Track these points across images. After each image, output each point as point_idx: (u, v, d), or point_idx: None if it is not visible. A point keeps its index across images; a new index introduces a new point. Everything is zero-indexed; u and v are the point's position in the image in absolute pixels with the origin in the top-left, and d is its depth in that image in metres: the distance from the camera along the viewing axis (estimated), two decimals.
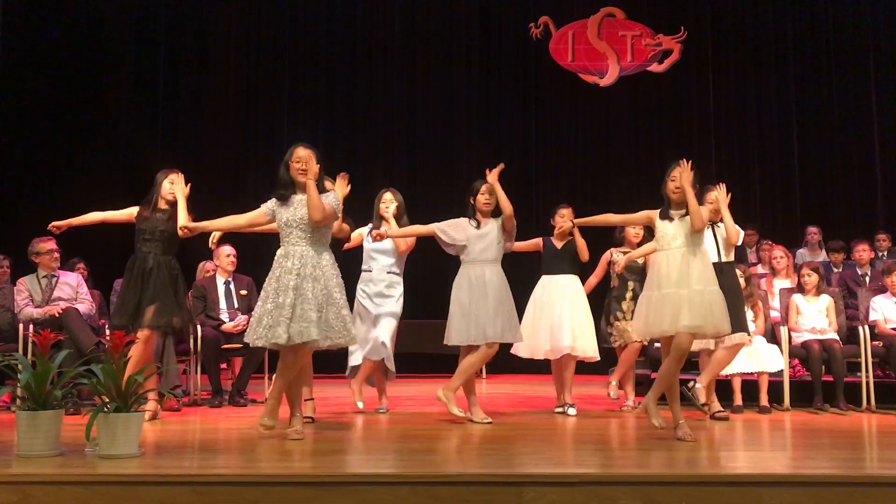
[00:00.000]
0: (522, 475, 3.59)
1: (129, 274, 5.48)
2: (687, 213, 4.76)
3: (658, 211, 4.92)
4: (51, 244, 6.64)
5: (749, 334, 5.73)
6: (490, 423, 5.27)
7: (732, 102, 10.68)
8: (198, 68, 10.69)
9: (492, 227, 5.49)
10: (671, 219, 4.84)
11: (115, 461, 3.78)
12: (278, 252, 4.76)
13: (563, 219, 5.97)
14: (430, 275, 8.81)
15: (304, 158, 4.73)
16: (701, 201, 5.27)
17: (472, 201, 5.54)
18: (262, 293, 4.72)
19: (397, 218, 5.93)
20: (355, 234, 6.04)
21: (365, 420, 5.58)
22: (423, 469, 3.77)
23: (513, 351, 5.94)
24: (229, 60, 10.78)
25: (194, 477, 3.55)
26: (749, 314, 5.91)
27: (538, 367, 9.64)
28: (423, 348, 8.37)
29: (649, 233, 5.62)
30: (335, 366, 7.14)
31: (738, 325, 5.64)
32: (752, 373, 6.22)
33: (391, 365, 5.96)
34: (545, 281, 6.04)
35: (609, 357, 6.42)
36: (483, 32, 10.86)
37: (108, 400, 3.97)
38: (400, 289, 6.03)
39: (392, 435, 4.96)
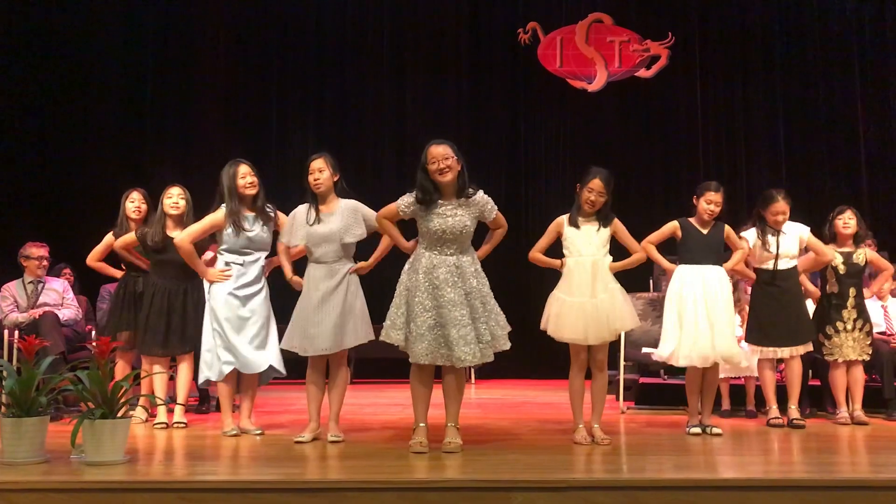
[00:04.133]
0: (510, 481, 3.59)
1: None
2: (602, 226, 4.84)
3: (566, 217, 4.96)
4: (42, 251, 6.62)
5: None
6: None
7: (720, 107, 10.70)
8: (186, 73, 10.64)
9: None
10: (579, 226, 4.90)
11: (100, 468, 3.76)
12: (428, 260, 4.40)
13: (711, 204, 5.27)
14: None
15: (439, 156, 4.43)
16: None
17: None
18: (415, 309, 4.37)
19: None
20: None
21: (352, 426, 5.56)
22: (411, 475, 3.77)
23: (673, 362, 5.22)
24: (217, 65, 10.73)
25: (181, 483, 3.53)
26: (737, 319, 5.87)
27: (527, 373, 9.72)
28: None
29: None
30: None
31: (804, 333, 5.64)
32: (739, 377, 6.24)
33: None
34: (685, 272, 5.28)
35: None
36: (472, 38, 10.85)
37: (93, 406, 3.95)
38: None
39: (379, 440, 4.95)
